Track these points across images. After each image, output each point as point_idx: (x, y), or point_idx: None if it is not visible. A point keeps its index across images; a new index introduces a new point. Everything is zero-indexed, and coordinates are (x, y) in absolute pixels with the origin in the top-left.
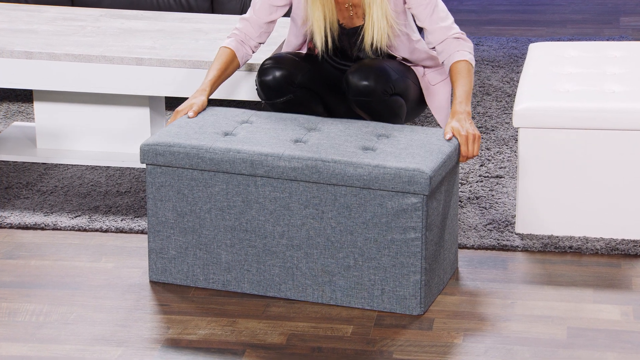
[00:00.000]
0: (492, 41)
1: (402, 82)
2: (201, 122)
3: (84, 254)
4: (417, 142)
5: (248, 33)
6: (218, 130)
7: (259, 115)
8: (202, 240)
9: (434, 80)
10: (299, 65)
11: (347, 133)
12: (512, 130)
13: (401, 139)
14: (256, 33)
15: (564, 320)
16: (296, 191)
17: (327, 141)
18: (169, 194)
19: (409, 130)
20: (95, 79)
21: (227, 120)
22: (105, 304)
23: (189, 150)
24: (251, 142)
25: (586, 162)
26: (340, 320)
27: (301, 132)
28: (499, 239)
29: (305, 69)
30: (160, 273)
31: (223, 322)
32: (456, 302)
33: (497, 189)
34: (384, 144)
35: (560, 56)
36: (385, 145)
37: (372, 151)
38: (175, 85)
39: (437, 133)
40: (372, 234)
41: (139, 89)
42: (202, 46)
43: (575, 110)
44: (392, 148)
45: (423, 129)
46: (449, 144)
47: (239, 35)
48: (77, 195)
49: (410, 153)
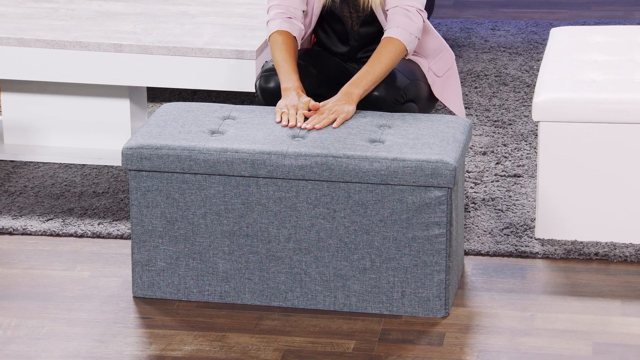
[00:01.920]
0: (509, 25)
1: (413, 86)
2: (180, 119)
3: (57, 262)
4: (426, 131)
5: (290, 4)
6: (203, 129)
7: (241, 110)
8: (196, 249)
9: (440, 72)
10: (305, 71)
11: (346, 125)
12: (531, 124)
13: (407, 128)
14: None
15: (589, 335)
16: (304, 190)
17: (328, 135)
18: (156, 200)
19: (411, 118)
20: (69, 67)
21: (207, 117)
22: (80, 317)
23: (179, 153)
24: (246, 140)
25: (614, 160)
26: (341, 335)
27: (296, 129)
28: (516, 245)
29: (311, 74)
30: (147, 288)
31: (211, 336)
32: (469, 314)
33: (515, 190)
34: (391, 134)
35: (585, 42)
36: (393, 137)
37: (381, 143)
38: (158, 75)
39: (444, 119)
40: (390, 232)
41: (117, 79)
42: (188, 31)
43: (601, 102)
44: (403, 139)
45: (427, 116)
46: (462, 131)
47: (283, 13)
48: (49, 197)
49: (426, 143)
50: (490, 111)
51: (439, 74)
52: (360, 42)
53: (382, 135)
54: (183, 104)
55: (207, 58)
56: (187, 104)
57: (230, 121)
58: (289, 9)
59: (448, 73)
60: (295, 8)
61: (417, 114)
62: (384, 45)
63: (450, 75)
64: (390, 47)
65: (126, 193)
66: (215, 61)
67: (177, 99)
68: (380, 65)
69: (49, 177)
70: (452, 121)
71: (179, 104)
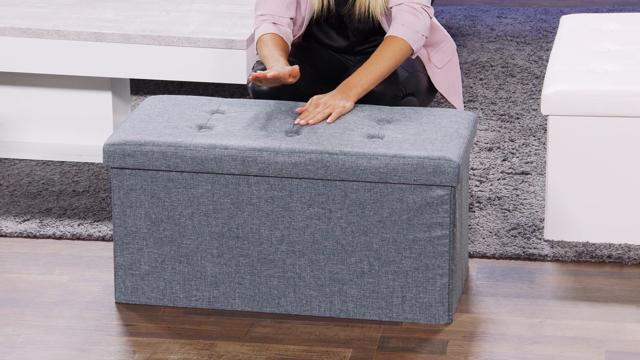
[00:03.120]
0: (516, 13)
1: (413, 79)
2: (165, 113)
3: (34, 265)
4: (428, 126)
5: (275, 12)
6: (190, 124)
7: (230, 104)
8: (183, 252)
9: (440, 63)
10: (301, 70)
11: (342, 119)
12: (540, 118)
13: (408, 123)
14: (283, 5)
15: (602, 342)
16: (297, 188)
17: (324, 130)
18: (140, 199)
19: (411, 112)
20: (47, 57)
21: (194, 111)
22: (59, 324)
23: (165, 150)
24: (236, 136)
25: (628, 156)
26: (338, 342)
27: (288, 121)
28: (524, 247)
29: (306, 73)
30: (130, 293)
31: (199, 344)
32: (474, 321)
33: (523, 188)
34: (391, 130)
35: (597, 30)
36: (392, 132)
37: (380, 139)
38: (142, 66)
39: (446, 113)
40: (390, 233)
41: (99, 70)
42: (174, 19)
43: (615, 94)
44: (403, 134)
45: (428, 110)
46: (466, 126)
47: (268, 19)
48: (26, 196)
49: (427, 139)
50: (496, 104)
51: (439, 66)
52: (359, 37)
53: (380, 130)
54: (169, 97)
55: (195, 48)
56: (173, 97)
57: (219, 115)
58: (274, 17)
59: (449, 64)
60: (281, 16)
61: (417, 108)
62: (388, 44)
63: (451, 67)
64: (394, 45)
65: (108, 192)
66: (203, 51)
67: (163, 92)
68: (383, 64)
69: (26, 175)
70: (456, 115)
71: (165, 97)
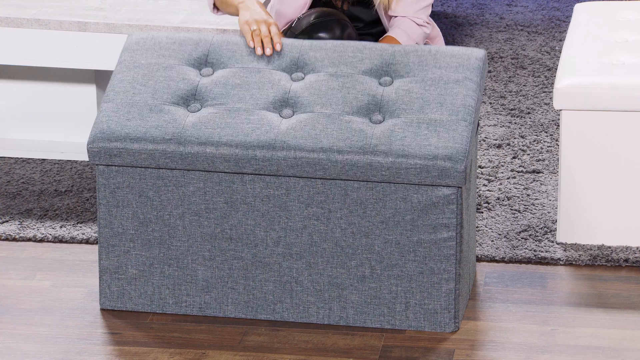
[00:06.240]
0: (527, 1)
1: None
2: (150, 77)
3: (13, 270)
4: (433, 91)
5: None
6: (177, 99)
7: (219, 53)
8: (173, 254)
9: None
10: None
11: (342, 84)
12: (552, 113)
13: (412, 86)
14: None
15: (618, 352)
16: (295, 187)
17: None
18: (127, 198)
19: (416, 65)
20: (27, 48)
21: (181, 70)
22: (40, 332)
23: (151, 149)
24: (229, 127)
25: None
26: (337, 352)
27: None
28: (536, 250)
29: None
30: (116, 298)
31: (189, 354)
32: (482, 328)
33: (534, 188)
34: (392, 103)
35: (613, 19)
36: (394, 106)
37: (379, 124)
38: None
39: (452, 63)
40: (393, 235)
41: (82, 62)
42: (162, 7)
43: (631, 87)
44: (405, 113)
45: (433, 60)
46: (471, 97)
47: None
48: (5, 196)
49: (431, 122)
50: (505, 98)
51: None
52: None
53: (381, 103)
54: (151, 39)
55: None
56: (157, 41)
57: (207, 79)
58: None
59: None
60: None
61: (422, 56)
62: (383, 42)
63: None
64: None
65: (92, 192)
66: None
67: None
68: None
69: (4, 173)
70: (462, 57)
71: (147, 40)
